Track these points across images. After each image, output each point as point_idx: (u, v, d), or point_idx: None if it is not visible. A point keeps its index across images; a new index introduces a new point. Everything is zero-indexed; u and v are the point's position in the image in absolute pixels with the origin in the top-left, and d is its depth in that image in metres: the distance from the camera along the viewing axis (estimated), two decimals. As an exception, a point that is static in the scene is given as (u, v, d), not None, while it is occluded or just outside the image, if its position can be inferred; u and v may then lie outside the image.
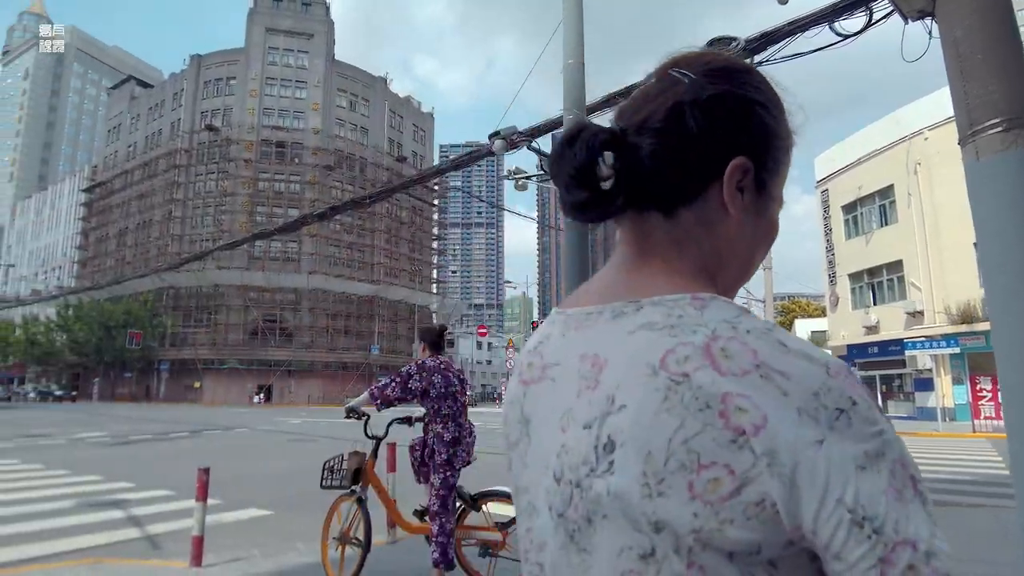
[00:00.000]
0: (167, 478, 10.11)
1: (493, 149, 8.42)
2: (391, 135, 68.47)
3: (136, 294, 58.58)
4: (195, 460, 13.19)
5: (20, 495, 8.56)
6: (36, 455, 13.21)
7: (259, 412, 38.21)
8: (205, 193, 61.22)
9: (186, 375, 57.11)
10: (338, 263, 61.62)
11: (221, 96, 63.53)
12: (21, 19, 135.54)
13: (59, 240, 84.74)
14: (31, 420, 25.43)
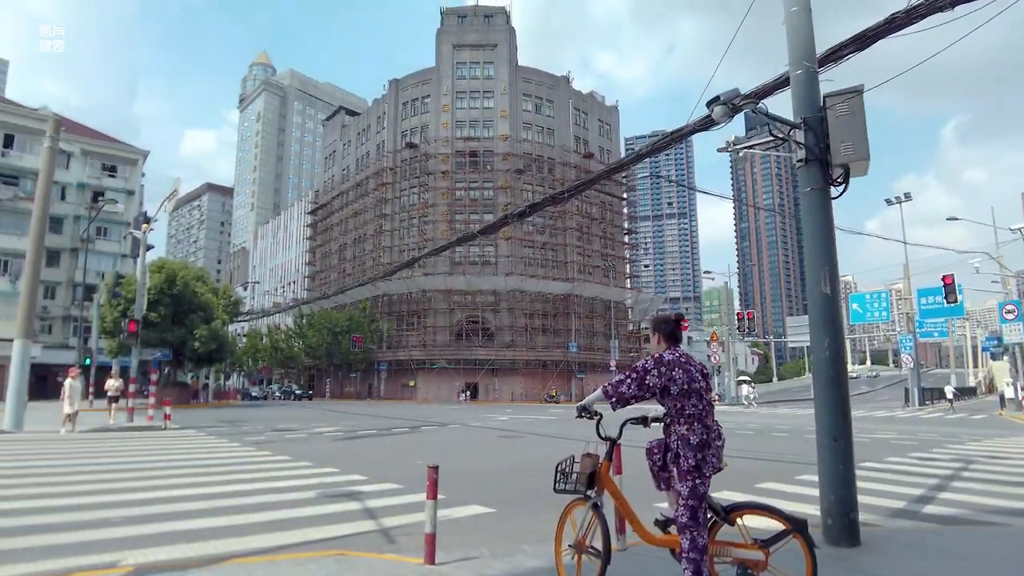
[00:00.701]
0: (394, 471, 10.46)
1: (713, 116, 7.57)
2: (577, 133, 68.64)
3: (356, 302, 64.56)
4: (417, 454, 13.84)
5: (273, 484, 9.27)
6: (284, 447, 14.55)
7: (467, 409, 39.96)
8: (409, 206, 65.82)
9: (402, 374, 61.77)
10: (532, 263, 63.01)
11: (418, 115, 67.96)
12: (251, 70, 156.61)
13: (292, 258, 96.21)
14: (279, 416, 28.61)
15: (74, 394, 16.86)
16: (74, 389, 16.92)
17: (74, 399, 16.83)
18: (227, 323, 43.56)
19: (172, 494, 8.27)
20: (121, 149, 52.54)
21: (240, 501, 7.87)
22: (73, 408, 16.79)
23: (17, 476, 9.48)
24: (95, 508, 7.30)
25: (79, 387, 17.29)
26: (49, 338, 44.74)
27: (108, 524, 6.52)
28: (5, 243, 42.47)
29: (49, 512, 7.01)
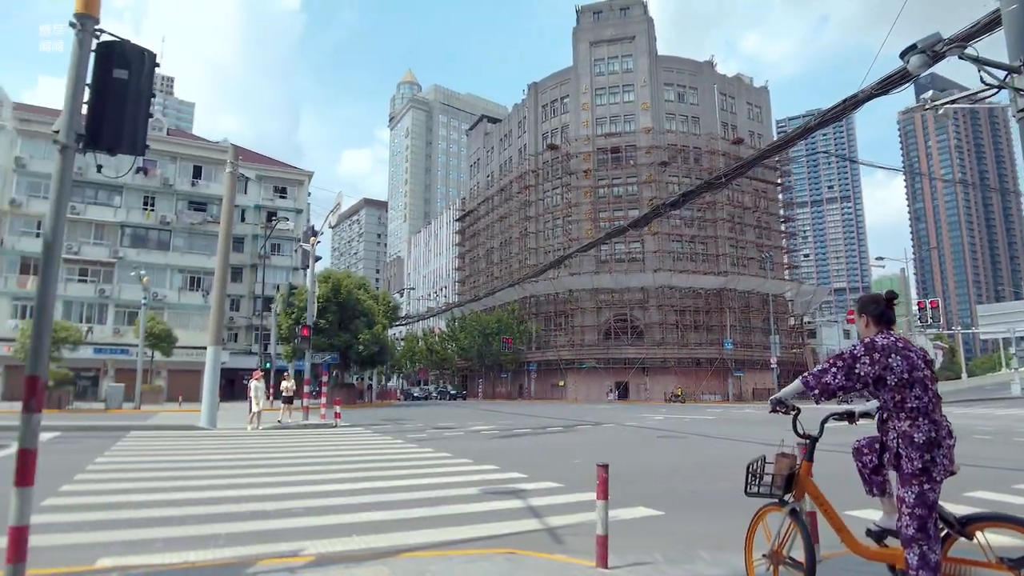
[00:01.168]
0: (553, 470, 10.26)
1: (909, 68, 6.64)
2: (723, 119, 65.48)
3: (504, 304, 65.88)
4: (574, 454, 13.53)
5: (437, 480, 9.38)
6: (443, 445, 14.88)
7: (618, 408, 39.24)
8: (553, 207, 66.14)
9: (551, 374, 62.10)
10: (681, 258, 60.94)
11: (558, 115, 68.17)
12: (399, 89, 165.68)
13: (443, 264, 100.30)
14: (436, 415, 29.69)
15: (258, 394, 18.49)
16: (258, 390, 18.56)
17: (258, 399, 18.42)
18: (387, 327, 46.06)
19: (345, 487, 8.60)
20: (290, 172, 57.37)
21: (407, 496, 8.01)
22: (258, 407, 18.38)
23: (212, 468, 10.38)
24: (279, 499, 7.75)
25: (263, 388, 18.94)
26: (235, 345, 49.73)
27: (290, 514, 6.86)
28: (197, 262, 47.78)
29: (240, 501, 7.52)
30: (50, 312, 4.30)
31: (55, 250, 4.28)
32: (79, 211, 45.32)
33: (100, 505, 7.14)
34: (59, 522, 6.16)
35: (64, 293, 44.08)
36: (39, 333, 4.21)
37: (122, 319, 44.95)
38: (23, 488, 4.01)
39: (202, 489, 8.22)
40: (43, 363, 4.18)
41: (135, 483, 8.63)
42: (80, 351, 38.17)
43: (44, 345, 4.22)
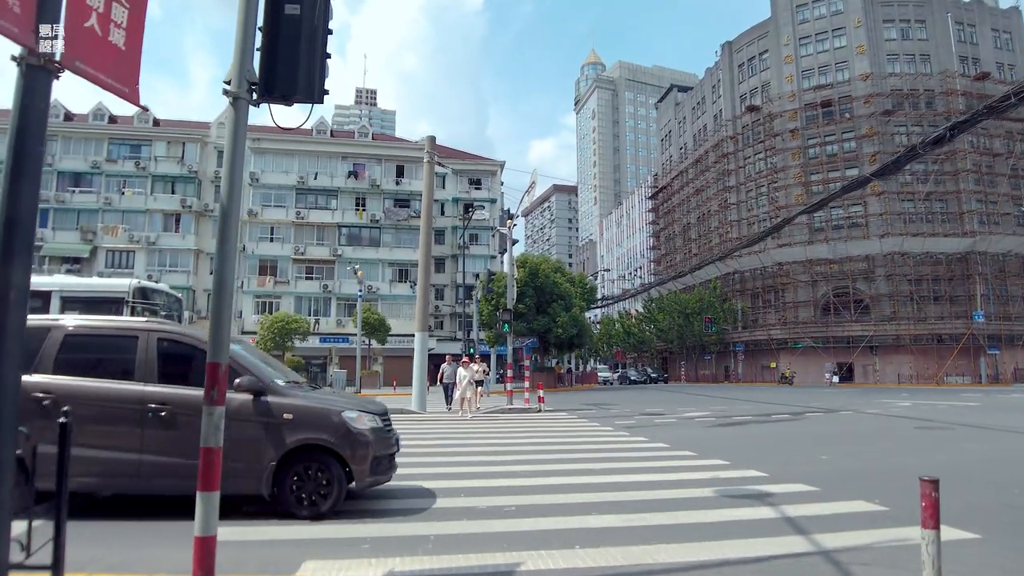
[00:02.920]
0: (798, 468, 8.59)
1: None
2: (961, 52, 55.64)
3: (705, 282, 62.17)
4: (816, 447, 11.09)
5: (660, 476, 8.10)
6: (657, 433, 13.45)
7: (846, 392, 34.84)
8: (756, 174, 60.99)
9: (760, 355, 57.46)
10: (915, 220, 52.98)
11: (756, 74, 62.67)
12: (583, 71, 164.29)
13: (636, 244, 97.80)
14: (642, 400, 28.06)
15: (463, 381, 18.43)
16: (464, 377, 18.51)
17: (468, 386, 18.42)
18: (584, 310, 45.29)
19: (558, 482, 7.69)
20: (482, 163, 58.85)
21: (629, 496, 6.87)
22: (467, 394, 18.38)
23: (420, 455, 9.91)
24: (487, 493, 6.99)
25: (471, 375, 18.90)
26: (440, 332, 52.14)
27: (501, 514, 6.06)
28: (404, 256, 50.67)
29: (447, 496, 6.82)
30: (230, 283, 3.68)
31: (232, 217, 3.63)
32: (303, 215, 50.21)
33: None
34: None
35: (295, 289, 49.15)
36: (219, 307, 3.57)
37: (343, 311, 49.01)
38: (207, 493, 3.36)
39: (409, 478, 7.64)
40: (223, 347, 3.53)
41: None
42: (309, 341, 42.23)
43: (225, 322, 3.57)
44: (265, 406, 5.81)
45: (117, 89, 3.53)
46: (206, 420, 3.32)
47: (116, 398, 5.74)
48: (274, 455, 5.72)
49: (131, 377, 5.88)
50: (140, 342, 5.96)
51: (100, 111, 50.36)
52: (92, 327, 6.26)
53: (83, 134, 48.86)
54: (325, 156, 52.24)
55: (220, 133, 50.94)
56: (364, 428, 6.08)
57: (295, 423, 5.83)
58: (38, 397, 5.51)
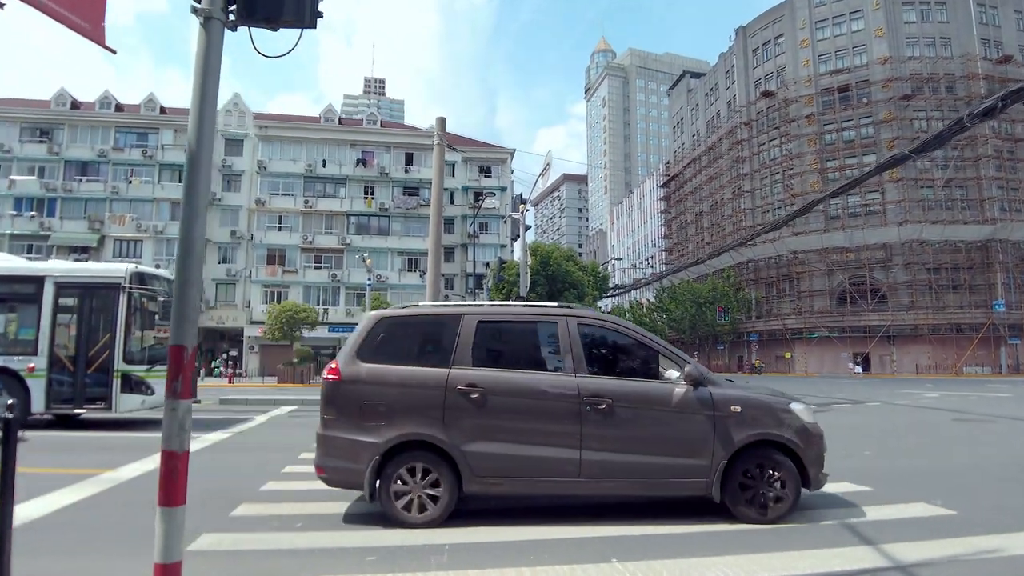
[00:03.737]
0: (843, 464, 8.04)
1: None
2: (983, 34, 54.23)
3: (718, 271, 61.23)
4: (854, 442, 10.16)
5: None
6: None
7: (867, 383, 34.01)
8: (771, 161, 59.91)
9: (775, 345, 56.60)
10: (934, 207, 51.86)
11: (771, 59, 61.48)
12: (593, 58, 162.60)
13: (647, 234, 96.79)
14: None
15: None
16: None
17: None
18: (596, 299, 44.60)
19: None
20: (492, 151, 57.97)
21: None
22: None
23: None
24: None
25: None
26: (452, 322, 51.49)
27: (530, 517, 5.30)
28: (413, 244, 49.98)
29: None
30: (199, 248, 3.00)
31: (202, 166, 2.98)
32: (311, 204, 49.62)
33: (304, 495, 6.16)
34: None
35: (304, 279, 48.65)
36: (186, 278, 2.91)
37: (352, 300, 48.50)
38: (171, 509, 2.73)
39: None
40: (190, 326, 2.89)
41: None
42: (317, 331, 41.72)
43: (192, 298, 2.93)
44: (708, 398, 5.24)
45: (77, 25, 2.93)
46: (169, 417, 2.69)
47: (550, 391, 5.23)
48: (724, 453, 5.14)
49: (551, 366, 5.44)
50: (560, 328, 5.44)
51: (107, 99, 49.88)
52: (503, 314, 5.78)
53: (90, 122, 48.40)
54: (333, 144, 51.56)
55: (227, 121, 50.42)
56: (814, 422, 5.45)
57: (744, 417, 5.23)
58: (464, 391, 5.15)
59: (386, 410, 5.20)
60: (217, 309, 47.87)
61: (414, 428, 5.14)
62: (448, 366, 5.24)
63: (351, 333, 5.73)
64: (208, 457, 8.63)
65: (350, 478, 5.21)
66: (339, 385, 5.31)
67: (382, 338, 5.47)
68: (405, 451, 5.17)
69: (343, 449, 5.19)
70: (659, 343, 5.57)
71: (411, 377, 5.29)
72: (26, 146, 47.30)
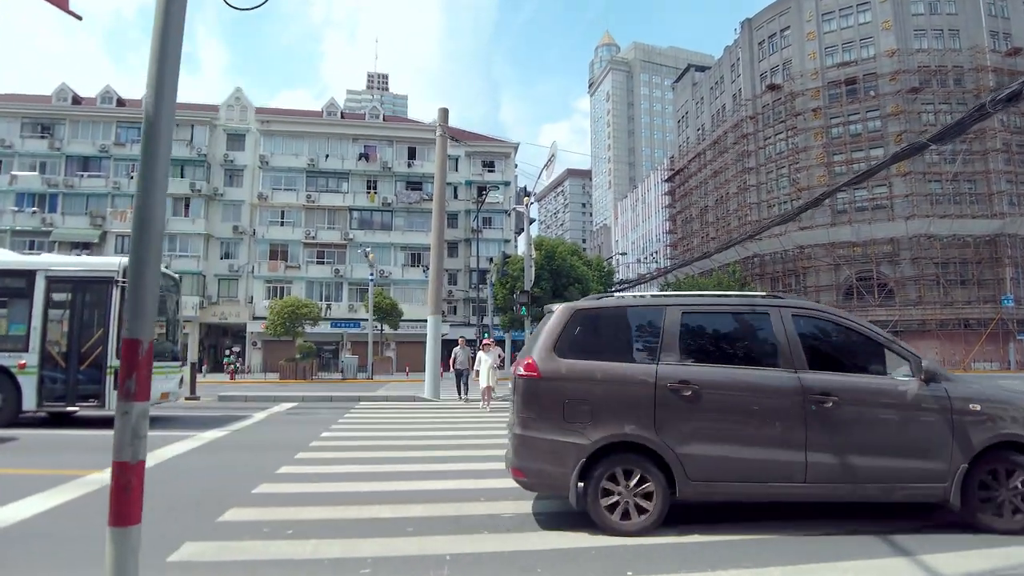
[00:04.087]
0: None
1: None
2: (992, 27, 53.54)
3: (724, 266, 60.75)
4: None
5: None
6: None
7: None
8: (776, 155, 59.33)
9: (785, 342, 56.07)
10: (942, 201, 51.31)
11: (777, 52, 60.79)
12: (597, 52, 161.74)
13: (652, 228, 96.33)
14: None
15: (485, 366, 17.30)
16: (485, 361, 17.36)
17: (489, 373, 17.25)
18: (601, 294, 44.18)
19: None
20: (496, 145, 57.67)
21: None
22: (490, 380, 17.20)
23: (440, 447, 8.97)
24: (515, 496, 5.91)
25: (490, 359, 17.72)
26: (454, 318, 51.24)
27: (533, 525, 4.94)
28: (417, 239, 49.66)
29: (472, 499, 5.79)
30: (157, 225, 2.64)
31: (163, 116, 2.63)
32: (314, 199, 49.38)
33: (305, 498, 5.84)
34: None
35: (306, 274, 48.45)
36: (142, 258, 2.55)
37: (355, 296, 48.25)
38: (122, 529, 2.37)
39: (420, 477, 6.67)
40: (146, 317, 2.54)
41: (353, 466, 7.36)
42: (322, 327, 41.51)
43: (150, 284, 2.56)
44: (945, 395, 4.83)
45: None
46: (121, 423, 2.35)
47: (769, 388, 4.87)
48: (963, 456, 4.72)
49: (767, 361, 5.03)
50: (774, 320, 5.07)
51: (108, 94, 49.67)
52: (709, 305, 5.44)
53: (91, 118, 48.19)
54: (336, 138, 51.25)
55: (229, 115, 50.16)
56: None
57: (985, 416, 4.80)
58: (676, 388, 4.82)
59: (591, 409, 4.85)
60: (219, 305, 47.69)
61: (623, 428, 4.79)
62: (655, 361, 4.90)
63: (545, 326, 5.25)
64: (201, 456, 8.35)
65: (553, 481, 4.88)
66: (538, 383, 4.96)
67: (579, 332, 5.13)
68: (613, 453, 4.80)
69: (545, 451, 4.86)
70: (883, 335, 5.17)
71: (617, 373, 4.94)
72: (27, 142, 47.11)
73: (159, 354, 12.07)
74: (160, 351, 12.20)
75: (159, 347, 12.29)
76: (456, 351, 17.96)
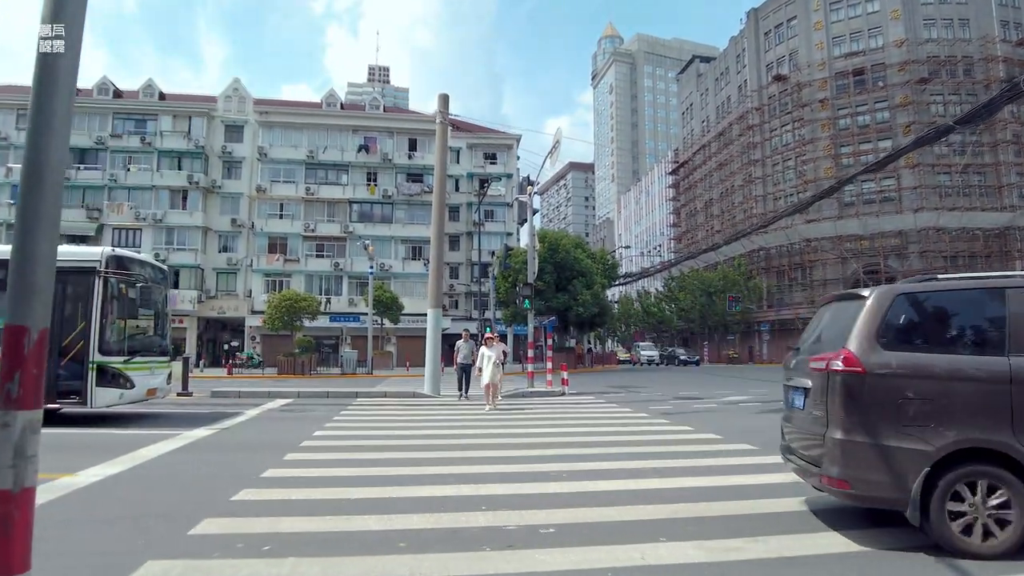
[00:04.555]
0: None
1: None
2: (1003, 16, 52.68)
3: (729, 259, 60.06)
4: None
5: (731, 480, 6.33)
6: (705, 422, 11.83)
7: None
8: (783, 147, 58.57)
9: (786, 335, 55.33)
10: (951, 193, 50.58)
11: (784, 42, 59.99)
12: (600, 44, 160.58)
13: (655, 222, 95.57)
14: (671, 381, 26.20)
15: (489, 363, 16.68)
16: (488, 358, 16.73)
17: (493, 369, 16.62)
18: (606, 287, 43.52)
19: (605, 488, 5.75)
20: (498, 137, 56.83)
21: (704, 510, 4.96)
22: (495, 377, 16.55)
23: (438, 447, 8.36)
24: (519, 505, 5.06)
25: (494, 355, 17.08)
26: (456, 312, 50.64)
27: (539, 540, 4.19)
28: (417, 232, 48.90)
29: (472, 507, 5.06)
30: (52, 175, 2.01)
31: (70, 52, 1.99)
32: (313, 191, 48.70)
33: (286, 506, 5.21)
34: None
35: (305, 268, 47.82)
36: (33, 216, 1.90)
37: (355, 290, 47.61)
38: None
39: (415, 481, 6.03)
40: (36, 298, 1.89)
41: (344, 469, 6.73)
42: (321, 321, 40.90)
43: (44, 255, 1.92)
44: None
45: None
46: (1, 437, 1.70)
47: None
48: None
49: None
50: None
51: (105, 85, 48.98)
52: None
53: (87, 109, 47.46)
54: (335, 130, 50.52)
55: (227, 107, 49.46)
56: None
57: None
58: None
59: (932, 410, 4.17)
60: (218, 299, 47.11)
61: (974, 433, 4.08)
62: (1004, 353, 4.16)
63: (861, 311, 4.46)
64: (183, 457, 7.74)
65: (889, 494, 4.17)
66: (863, 379, 4.25)
67: (903, 319, 4.46)
68: (961, 462, 4.09)
69: (876, 459, 4.18)
70: None
71: (961, 368, 4.22)
72: (22, 133, 46.27)
73: (147, 348, 11.51)
74: (148, 345, 11.65)
75: (147, 341, 11.73)
76: (459, 345, 16.72)
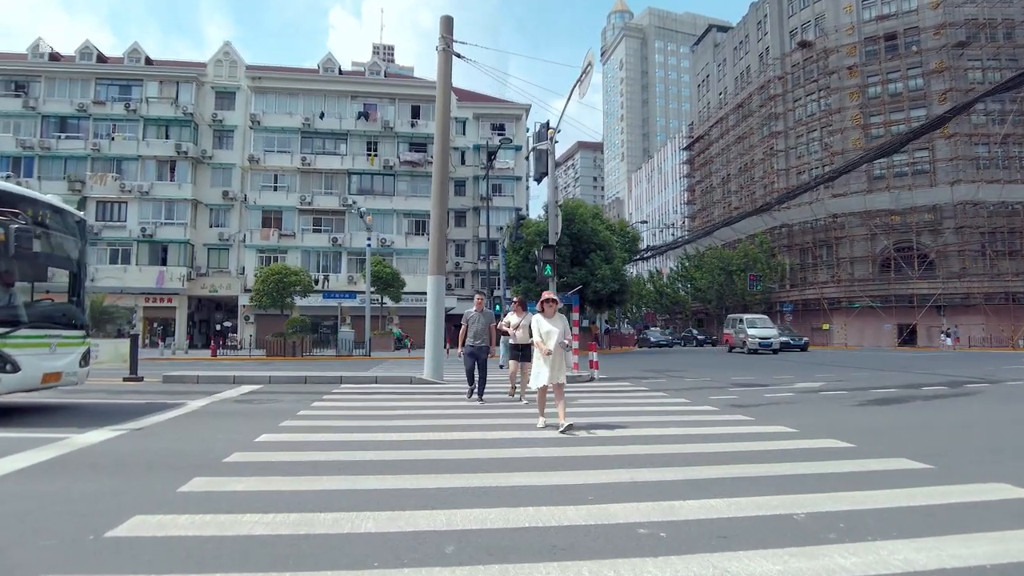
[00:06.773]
0: None
1: None
2: (1049, -26, 49.03)
3: (751, 236, 56.95)
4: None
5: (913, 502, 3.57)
6: (788, 416, 9.02)
7: (949, 357, 29.76)
8: (807, 117, 55.19)
9: (811, 316, 52.50)
10: (989, 165, 47.37)
11: (809, 6, 56.42)
12: (610, 19, 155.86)
13: (668, 200, 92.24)
14: (710, 364, 23.37)
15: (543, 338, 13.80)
16: (546, 334, 13.86)
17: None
18: (626, 261, 40.47)
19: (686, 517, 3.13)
20: (506, 107, 53.63)
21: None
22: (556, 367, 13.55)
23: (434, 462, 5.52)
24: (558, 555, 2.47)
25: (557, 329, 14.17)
26: (462, 291, 47.77)
27: None
28: (420, 205, 45.72)
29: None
30: None
31: None
32: (309, 161, 45.69)
33: None
34: None
35: (302, 243, 44.99)
36: None
37: (355, 267, 44.80)
38: None
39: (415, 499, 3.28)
40: None
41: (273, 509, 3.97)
42: (316, 299, 38.14)
43: None
44: None
45: None
46: None
47: None
48: None
49: None
50: None
51: (87, 50, 45.96)
52: None
53: (68, 74, 44.53)
54: (333, 96, 47.34)
55: (218, 72, 46.44)
56: None
57: None
58: None
59: None
60: (209, 276, 44.38)
61: None
62: None
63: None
64: (23, 487, 4.79)
65: None
66: None
67: None
68: None
69: None
70: None
71: None
72: (0, 101, 43.61)
73: (47, 318, 8.62)
74: (49, 314, 8.72)
75: (45, 310, 8.82)
76: (470, 316, 10.63)
